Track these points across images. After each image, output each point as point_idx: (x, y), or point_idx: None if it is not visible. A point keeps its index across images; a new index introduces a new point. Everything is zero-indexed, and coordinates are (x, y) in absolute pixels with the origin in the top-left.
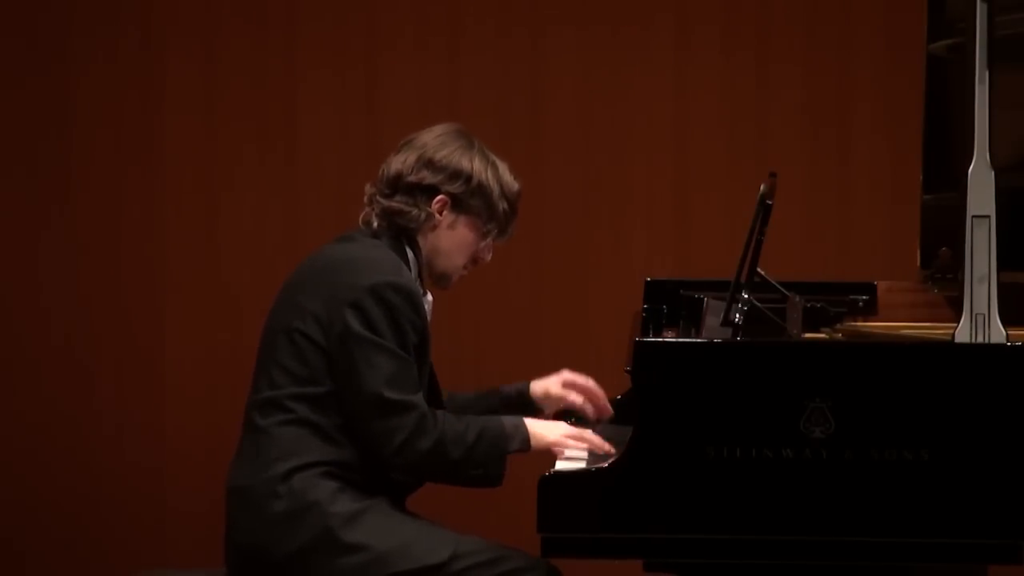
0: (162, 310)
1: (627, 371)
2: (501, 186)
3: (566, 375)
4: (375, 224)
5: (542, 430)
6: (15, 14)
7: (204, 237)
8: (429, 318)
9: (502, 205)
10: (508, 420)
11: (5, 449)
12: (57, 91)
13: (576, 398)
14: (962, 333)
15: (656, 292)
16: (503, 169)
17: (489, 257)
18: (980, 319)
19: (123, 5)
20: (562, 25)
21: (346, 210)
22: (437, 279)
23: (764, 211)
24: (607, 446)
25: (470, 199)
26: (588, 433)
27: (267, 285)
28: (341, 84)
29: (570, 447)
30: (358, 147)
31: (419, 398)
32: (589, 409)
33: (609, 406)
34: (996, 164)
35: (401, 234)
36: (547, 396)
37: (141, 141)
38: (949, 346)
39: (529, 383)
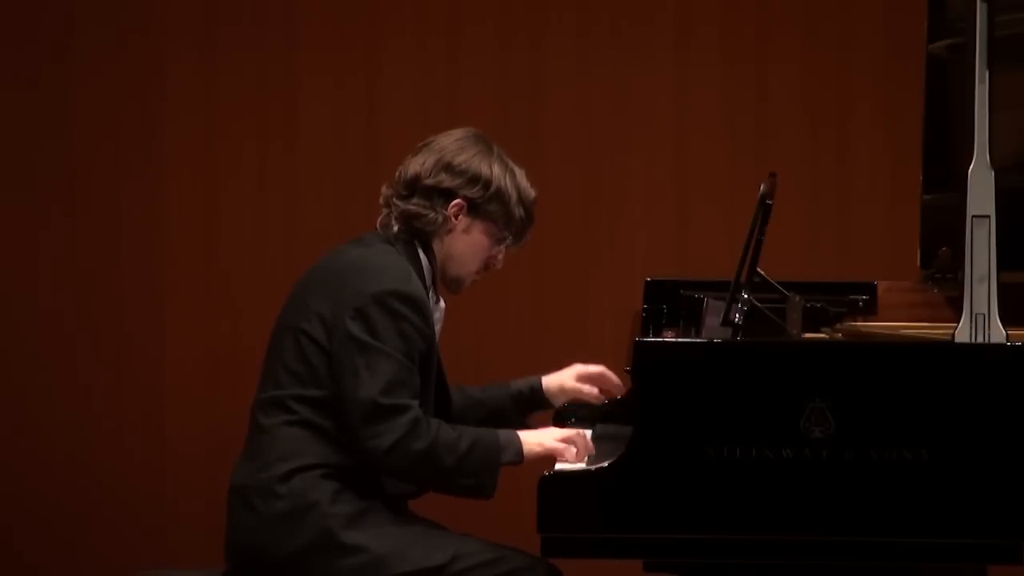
0: (162, 310)
1: (627, 371)
2: (518, 192)
3: (579, 369)
4: (393, 228)
5: (535, 439)
6: (15, 14)
7: (204, 237)
8: (441, 325)
9: (519, 211)
10: (502, 432)
11: (5, 449)
12: (57, 91)
13: (591, 390)
14: (962, 333)
15: (656, 292)
16: (520, 175)
17: (501, 264)
18: (980, 319)
19: (123, 5)
20: (562, 25)
21: (346, 210)
22: (450, 284)
23: (764, 211)
24: (590, 448)
25: (487, 204)
26: (579, 437)
27: (267, 285)
28: (341, 84)
29: (563, 454)
30: (358, 147)
31: (414, 403)
32: (598, 396)
33: (619, 384)
34: (996, 164)
35: (416, 238)
36: (562, 391)
37: (141, 141)
38: (949, 346)
39: (540, 378)
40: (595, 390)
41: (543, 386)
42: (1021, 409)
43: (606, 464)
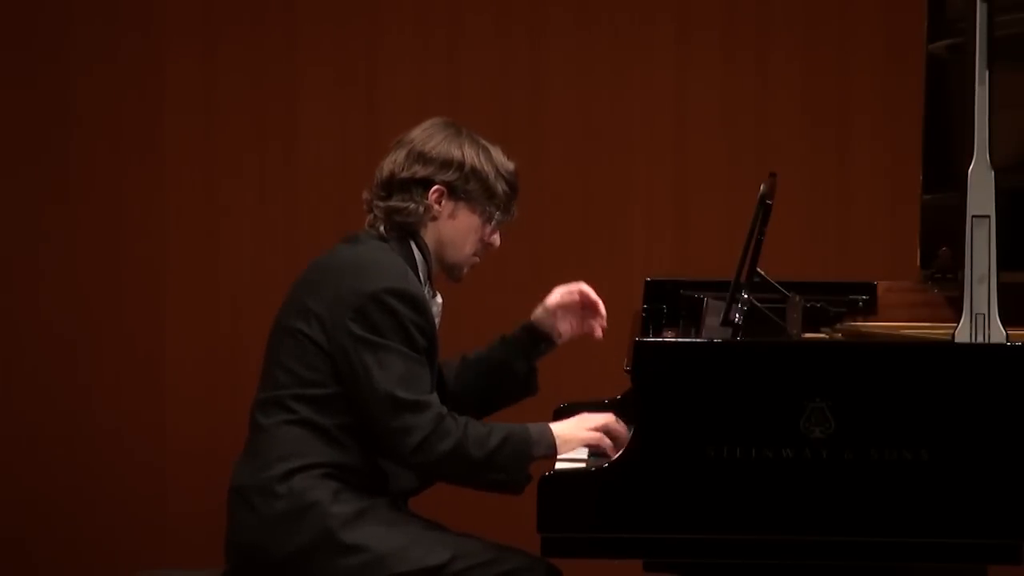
0: (162, 310)
1: (627, 371)
2: (496, 167)
3: (556, 292)
4: (380, 227)
5: (569, 433)
6: (15, 14)
7: (204, 237)
8: (439, 320)
9: (500, 186)
10: (534, 427)
11: (5, 449)
12: (57, 91)
13: (571, 298)
14: (962, 333)
15: (656, 292)
16: (495, 151)
17: (497, 242)
18: (980, 319)
19: (123, 5)
20: (562, 24)
21: (346, 210)
22: (448, 271)
23: (764, 211)
24: (626, 433)
25: (466, 185)
26: (613, 423)
27: (267, 285)
28: (341, 83)
29: (599, 444)
30: (358, 147)
31: (434, 398)
32: (595, 328)
33: (600, 306)
34: (996, 164)
35: (405, 233)
36: (546, 311)
37: (141, 141)
38: (949, 346)
39: (529, 320)
40: (575, 298)
41: (534, 322)
42: (1021, 409)
43: (606, 464)
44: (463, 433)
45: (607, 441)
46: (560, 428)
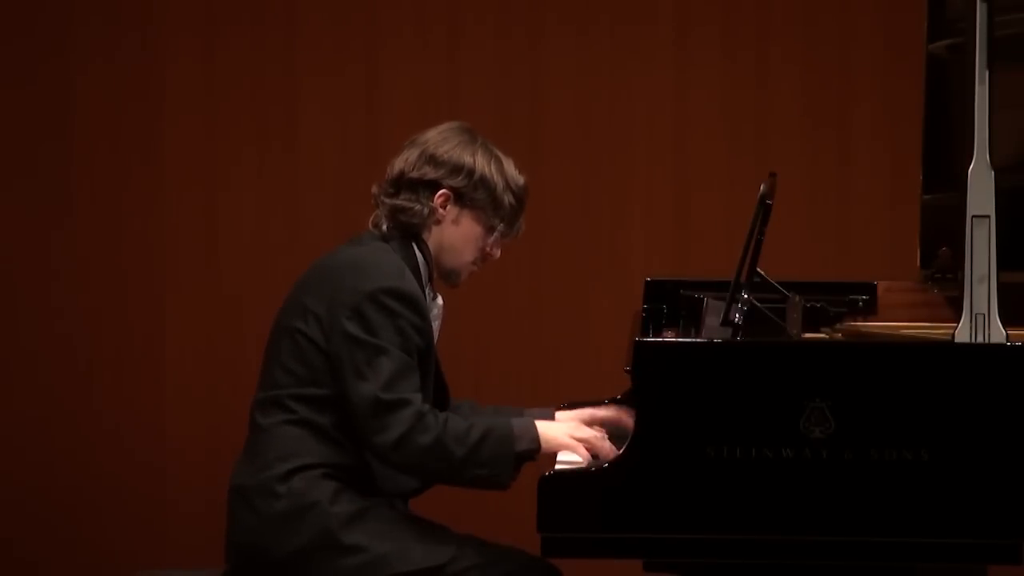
0: (162, 310)
1: (627, 371)
2: (505, 179)
3: (591, 412)
4: (384, 226)
5: (554, 432)
6: (15, 13)
7: (204, 237)
8: (440, 321)
9: (507, 198)
10: (517, 421)
11: (5, 449)
12: (57, 91)
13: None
14: (962, 333)
15: (656, 292)
16: (507, 163)
17: (498, 253)
18: (980, 319)
19: (123, 5)
20: (562, 25)
21: (346, 210)
22: (446, 276)
23: (764, 211)
24: (612, 451)
25: (473, 192)
26: (598, 440)
27: (267, 285)
28: (341, 84)
29: (577, 450)
30: (358, 147)
31: (416, 397)
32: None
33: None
34: (996, 164)
35: (408, 234)
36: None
37: (141, 141)
38: (949, 346)
39: (553, 412)
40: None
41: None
42: (1021, 409)
43: (606, 464)
44: (443, 429)
45: (584, 452)
46: (545, 427)
